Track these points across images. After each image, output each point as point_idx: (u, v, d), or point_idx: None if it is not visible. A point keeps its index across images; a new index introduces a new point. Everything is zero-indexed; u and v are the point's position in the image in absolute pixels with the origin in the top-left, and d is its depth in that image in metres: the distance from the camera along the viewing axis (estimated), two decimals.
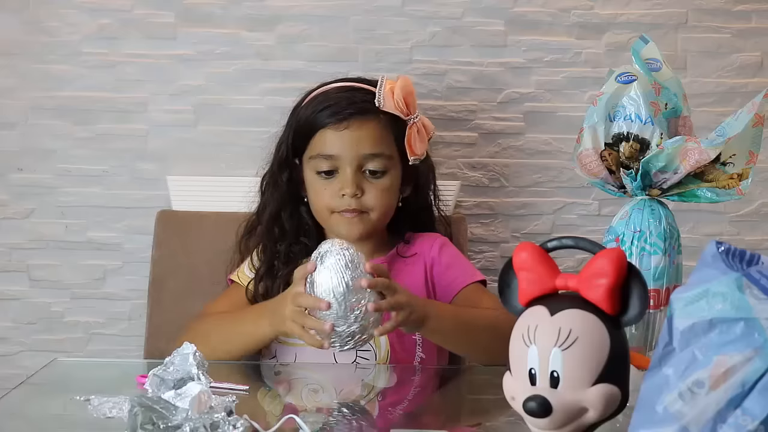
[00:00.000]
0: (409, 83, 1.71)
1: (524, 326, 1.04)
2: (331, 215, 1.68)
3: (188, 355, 1.24)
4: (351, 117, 1.67)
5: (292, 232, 1.72)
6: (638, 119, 1.40)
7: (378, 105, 1.66)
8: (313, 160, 1.68)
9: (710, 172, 1.40)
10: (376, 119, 1.68)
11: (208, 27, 2.01)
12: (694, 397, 0.90)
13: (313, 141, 1.69)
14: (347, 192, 1.66)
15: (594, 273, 1.03)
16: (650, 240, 1.39)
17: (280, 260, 1.70)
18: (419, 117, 1.71)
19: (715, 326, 0.91)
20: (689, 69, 2.03)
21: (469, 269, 1.74)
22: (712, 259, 0.94)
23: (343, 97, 1.69)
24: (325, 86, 1.73)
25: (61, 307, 2.05)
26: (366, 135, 1.67)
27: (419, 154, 1.71)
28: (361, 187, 1.67)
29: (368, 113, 1.67)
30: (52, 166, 2.03)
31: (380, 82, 1.69)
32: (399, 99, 1.67)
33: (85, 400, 1.27)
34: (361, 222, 1.68)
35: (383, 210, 1.69)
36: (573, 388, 1.00)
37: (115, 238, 2.03)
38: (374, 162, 1.67)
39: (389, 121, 1.68)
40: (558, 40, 2.03)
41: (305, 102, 1.73)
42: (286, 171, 1.73)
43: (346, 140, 1.66)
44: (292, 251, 1.71)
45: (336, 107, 1.68)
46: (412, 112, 1.70)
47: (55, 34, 2.01)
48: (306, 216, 1.73)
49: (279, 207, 1.73)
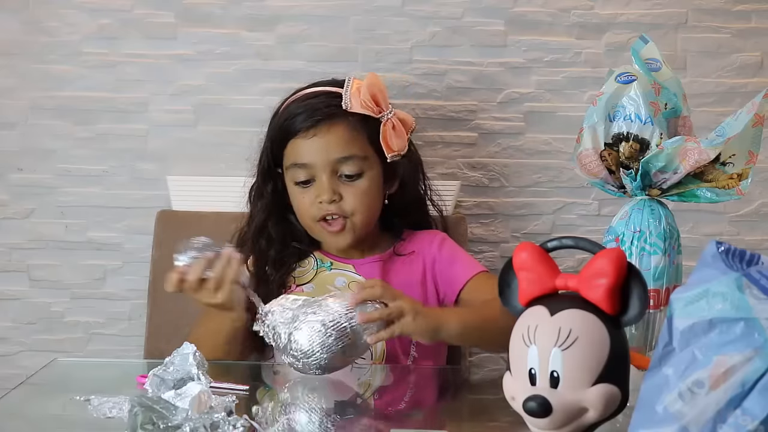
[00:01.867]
0: (376, 80, 1.69)
1: (524, 326, 1.04)
2: (316, 224, 1.68)
3: (188, 355, 1.24)
4: (318, 123, 1.66)
5: (280, 239, 1.71)
6: (638, 119, 1.40)
7: (345, 107, 1.65)
8: (290, 171, 1.68)
9: (710, 172, 1.40)
10: (344, 122, 1.67)
11: (207, 27, 2.01)
12: (694, 397, 0.90)
13: (287, 151, 1.68)
14: (324, 199, 1.65)
15: (594, 273, 1.03)
16: (650, 240, 1.39)
17: (271, 265, 1.69)
18: (393, 113, 1.69)
19: (715, 326, 0.91)
20: (689, 69, 2.03)
21: (472, 262, 1.74)
22: (712, 259, 0.94)
23: (310, 104, 1.68)
24: (297, 93, 1.72)
25: (61, 307, 2.05)
26: (335, 139, 1.66)
27: (397, 150, 1.69)
28: (338, 191, 1.66)
29: (335, 117, 1.66)
30: (52, 166, 2.02)
31: (346, 83, 1.68)
32: (366, 98, 1.66)
33: (85, 400, 1.27)
34: (345, 230, 1.67)
35: (365, 212, 1.68)
36: (573, 388, 1.00)
37: (115, 238, 2.03)
38: (348, 165, 1.66)
39: (359, 121, 1.67)
40: (558, 40, 2.03)
41: (280, 111, 1.72)
42: (270, 182, 1.73)
43: (316, 147, 1.66)
44: (283, 256, 1.70)
45: (304, 115, 1.67)
46: (385, 108, 1.68)
47: (55, 34, 2.01)
48: (295, 221, 1.72)
49: (265, 218, 1.72)
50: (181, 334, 1.62)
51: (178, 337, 1.41)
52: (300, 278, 1.71)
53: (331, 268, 1.71)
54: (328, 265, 1.71)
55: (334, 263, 1.72)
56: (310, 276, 1.71)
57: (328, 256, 1.73)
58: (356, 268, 1.71)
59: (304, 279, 1.71)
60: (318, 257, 1.73)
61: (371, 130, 1.67)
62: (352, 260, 1.72)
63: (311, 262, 1.72)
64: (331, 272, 1.71)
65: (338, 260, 1.72)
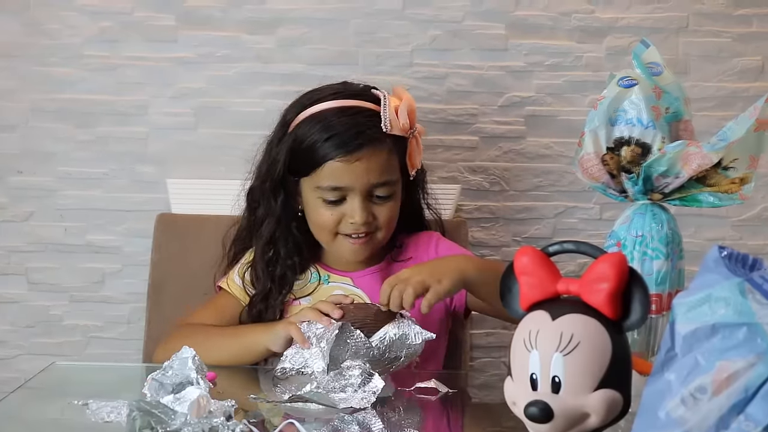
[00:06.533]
0: (412, 102, 1.66)
1: (525, 331, 1.03)
2: (335, 237, 1.66)
3: (187, 359, 1.23)
4: (361, 148, 1.60)
5: (286, 254, 1.68)
6: (639, 123, 1.40)
7: (385, 129, 1.61)
8: (319, 190, 1.63)
9: (712, 177, 1.39)
10: (384, 146, 1.62)
11: (208, 30, 2.01)
12: (696, 402, 0.89)
13: (320, 171, 1.62)
14: (357, 221, 1.62)
15: (595, 277, 1.02)
16: (652, 244, 1.39)
17: (275, 284, 1.67)
18: (416, 128, 1.67)
19: (718, 331, 0.90)
20: (690, 73, 2.03)
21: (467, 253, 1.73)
22: (714, 264, 0.93)
23: (348, 124, 1.61)
24: (321, 103, 1.65)
25: (60, 311, 2.04)
26: (376, 165, 1.62)
27: (418, 165, 1.69)
28: (371, 212, 1.64)
29: (377, 142, 1.61)
30: (52, 168, 2.02)
31: (384, 103, 1.63)
32: (405, 122, 1.63)
33: (83, 405, 1.27)
34: (369, 244, 1.66)
35: (390, 227, 1.67)
36: (575, 393, 0.99)
37: (114, 241, 2.03)
38: (383, 189, 1.64)
39: (394, 143, 1.64)
40: (559, 44, 2.03)
41: (302, 120, 1.65)
42: (281, 193, 1.67)
43: (357, 172, 1.61)
44: (286, 274, 1.68)
45: (343, 137, 1.60)
46: (412, 127, 1.66)
47: (55, 36, 2.00)
48: (297, 232, 1.69)
49: (273, 230, 1.68)
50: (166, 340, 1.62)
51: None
52: (299, 291, 1.70)
53: (328, 281, 1.70)
54: (326, 279, 1.71)
55: (332, 276, 1.71)
56: (309, 289, 1.69)
57: (326, 268, 1.72)
58: (354, 281, 1.70)
59: (304, 292, 1.70)
60: (316, 270, 1.71)
61: (401, 150, 1.66)
62: (350, 273, 1.71)
63: (309, 275, 1.71)
64: (329, 285, 1.70)
65: (336, 273, 1.71)
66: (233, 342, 1.59)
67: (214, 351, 1.54)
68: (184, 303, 1.81)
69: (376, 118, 1.62)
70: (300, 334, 1.47)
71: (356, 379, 1.36)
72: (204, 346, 1.47)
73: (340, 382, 1.36)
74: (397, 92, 1.67)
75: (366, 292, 1.68)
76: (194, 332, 1.63)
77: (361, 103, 1.64)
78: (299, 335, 1.47)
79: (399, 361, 1.47)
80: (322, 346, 1.43)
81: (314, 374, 1.43)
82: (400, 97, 1.66)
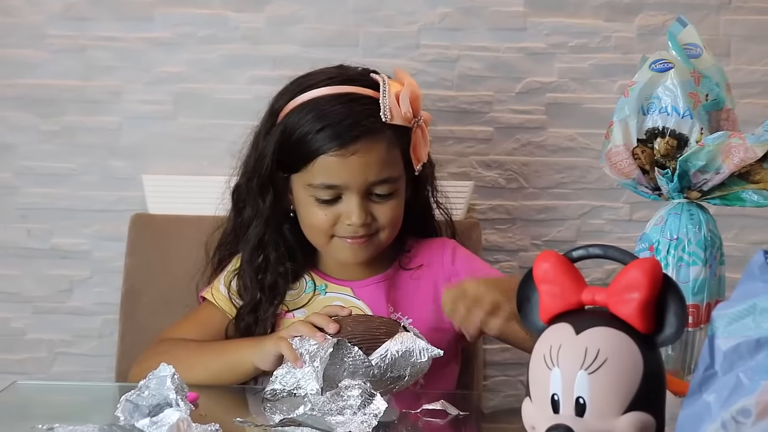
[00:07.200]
0: (416, 87, 1.65)
1: (546, 346, 1.03)
2: (331, 240, 1.66)
3: (166, 377, 1.24)
4: (357, 140, 1.60)
5: (276, 259, 1.68)
6: (675, 112, 1.40)
7: (384, 119, 1.61)
8: (312, 188, 1.63)
9: (757, 172, 1.40)
10: (383, 137, 1.62)
11: (188, 7, 2.01)
12: (739, 427, 0.89)
13: (312, 167, 1.62)
14: (354, 222, 1.62)
15: (625, 286, 1.03)
16: (689, 249, 1.39)
17: (265, 294, 1.67)
18: (421, 117, 1.66)
19: (763, 347, 0.91)
20: (733, 56, 2.03)
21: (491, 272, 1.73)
22: (759, 271, 0.94)
23: (342, 113, 1.61)
24: (313, 89, 1.64)
25: (22, 323, 2.05)
26: (374, 160, 1.61)
27: (424, 159, 1.68)
28: (369, 212, 1.64)
29: (375, 132, 1.61)
30: (11, 163, 2.03)
31: (382, 89, 1.63)
32: (407, 110, 1.62)
33: (48, 429, 1.27)
34: (369, 245, 1.66)
35: (394, 228, 1.67)
36: (601, 416, 1.00)
37: (83, 245, 2.04)
38: (383, 186, 1.63)
39: (395, 135, 1.63)
40: (584, 23, 2.03)
41: (292, 109, 1.65)
42: (269, 191, 1.67)
43: (353, 167, 1.60)
44: (277, 283, 1.68)
45: (338, 128, 1.60)
46: (417, 115, 1.65)
47: (16, 14, 2.01)
48: (289, 235, 1.69)
49: (262, 233, 1.68)
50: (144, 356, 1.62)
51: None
52: (292, 302, 1.70)
53: (326, 292, 1.71)
54: (323, 288, 1.71)
55: (329, 285, 1.71)
56: (303, 300, 1.70)
57: (323, 276, 1.72)
58: (355, 291, 1.70)
59: (298, 304, 1.70)
60: (311, 278, 1.72)
61: (403, 141, 1.65)
62: (350, 282, 1.71)
63: (303, 283, 1.71)
64: (326, 296, 1.70)
65: (334, 282, 1.71)
66: (217, 359, 1.59)
67: (196, 369, 1.55)
68: (162, 313, 1.82)
69: (374, 107, 1.62)
70: (291, 351, 1.47)
71: (355, 400, 1.36)
72: (185, 364, 1.47)
73: (338, 403, 1.36)
74: (398, 76, 1.67)
75: (368, 304, 1.69)
76: (174, 348, 1.64)
77: (358, 89, 1.64)
78: (290, 352, 1.47)
79: (403, 381, 1.48)
80: (316, 366, 1.44)
81: (307, 396, 1.43)
82: (402, 81, 1.65)
